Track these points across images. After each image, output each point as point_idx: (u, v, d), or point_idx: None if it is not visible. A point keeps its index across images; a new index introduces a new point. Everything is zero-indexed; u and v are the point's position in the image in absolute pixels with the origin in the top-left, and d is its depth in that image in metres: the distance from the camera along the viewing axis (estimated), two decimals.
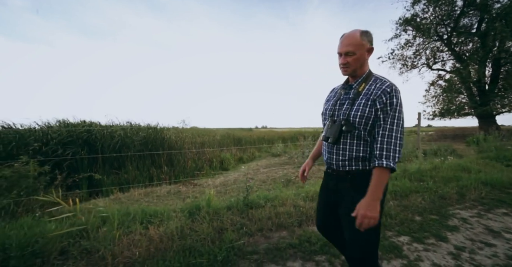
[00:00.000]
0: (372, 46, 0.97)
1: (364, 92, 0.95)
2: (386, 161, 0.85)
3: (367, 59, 1.00)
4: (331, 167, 1.04)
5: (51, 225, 1.71)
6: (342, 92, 1.04)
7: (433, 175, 3.36)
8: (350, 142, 0.96)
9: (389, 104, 0.89)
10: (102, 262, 1.50)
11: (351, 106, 0.96)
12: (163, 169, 6.43)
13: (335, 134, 0.97)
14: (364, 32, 0.95)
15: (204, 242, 1.73)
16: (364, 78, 0.99)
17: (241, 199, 2.41)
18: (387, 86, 0.91)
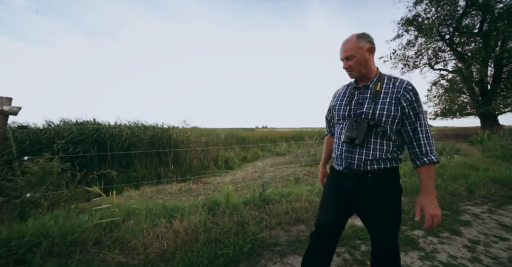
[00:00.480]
0: (372, 45, 0.98)
1: (384, 91, 0.95)
2: (433, 156, 0.88)
3: (371, 59, 1.00)
4: (349, 167, 0.99)
5: (84, 216, 1.78)
6: (355, 92, 1.03)
7: (441, 173, 3.42)
8: (375, 142, 0.95)
9: (415, 101, 0.91)
10: (134, 251, 1.57)
11: (373, 105, 0.95)
12: (170, 168, 6.50)
13: (361, 135, 0.94)
14: (360, 35, 0.98)
15: (228, 235, 1.79)
16: (377, 78, 0.99)
17: (257, 195, 2.48)
18: (407, 83, 0.94)
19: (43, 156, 2.40)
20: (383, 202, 0.94)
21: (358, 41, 0.97)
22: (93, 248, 1.56)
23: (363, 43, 0.97)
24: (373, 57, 1.01)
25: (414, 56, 16.45)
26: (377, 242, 0.98)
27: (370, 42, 0.98)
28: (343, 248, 1.71)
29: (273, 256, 1.61)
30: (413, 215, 2.25)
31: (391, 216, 0.95)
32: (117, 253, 1.55)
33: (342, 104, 1.06)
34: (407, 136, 0.93)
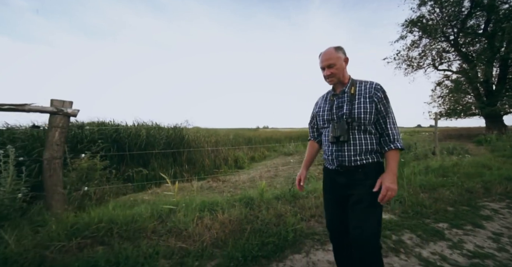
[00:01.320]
0: (347, 57, 1.15)
1: (357, 93, 1.10)
2: (399, 144, 1.04)
3: (346, 68, 1.16)
4: (342, 164, 1.08)
5: (139, 207, 1.95)
6: (333, 99, 1.17)
7: (455, 171, 3.56)
8: (359, 137, 1.07)
9: (384, 97, 1.08)
10: (190, 239, 1.74)
11: (351, 106, 1.09)
12: (184, 167, 6.68)
13: (344, 132, 1.06)
14: (337, 47, 1.14)
15: (269, 226, 1.95)
16: (351, 83, 1.14)
17: (287, 190, 2.64)
18: (376, 84, 1.10)
19: (86, 154, 2.58)
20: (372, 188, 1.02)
21: (336, 52, 1.12)
22: (153, 235, 1.73)
23: (341, 54, 1.13)
24: (347, 66, 1.17)
25: (418, 57, 16.54)
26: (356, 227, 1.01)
27: (345, 54, 1.15)
28: None
29: (314, 244, 1.78)
30: (435, 209, 2.40)
31: (377, 204, 1.02)
32: (174, 240, 1.72)
33: (324, 110, 1.20)
34: (380, 128, 1.08)
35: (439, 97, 17.43)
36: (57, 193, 2.04)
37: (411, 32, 15.85)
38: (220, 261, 1.54)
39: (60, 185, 2.07)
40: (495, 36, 12.69)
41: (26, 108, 1.90)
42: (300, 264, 1.56)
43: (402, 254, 1.65)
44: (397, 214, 2.30)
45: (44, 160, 2.03)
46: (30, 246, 1.46)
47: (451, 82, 16.55)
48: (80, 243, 1.57)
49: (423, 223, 2.10)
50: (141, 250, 1.54)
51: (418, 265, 1.52)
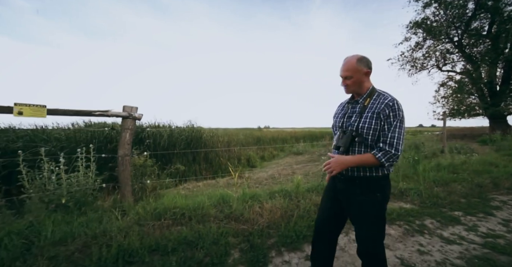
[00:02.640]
0: (368, 70, 1.10)
1: (369, 106, 1.07)
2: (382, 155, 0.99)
3: (366, 80, 1.12)
4: (341, 172, 1.10)
5: (203, 197, 2.31)
6: (349, 107, 1.17)
7: (464, 168, 3.88)
8: (359, 150, 1.07)
9: (392, 116, 1.02)
10: (247, 223, 2.08)
11: (359, 119, 1.07)
12: (202, 165, 7.04)
13: (346, 144, 1.07)
14: (360, 59, 1.09)
15: (310, 213, 2.29)
16: (368, 94, 1.11)
17: (316, 184, 2.98)
18: (389, 100, 1.04)
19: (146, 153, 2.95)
20: (366, 207, 1.05)
21: (357, 64, 1.08)
22: (216, 219, 2.08)
23: (361, 67, 1.09)
24: (369, 78, 1.13)
25: (422, 58, 16.79)
26: (360, 242, 1.09)
27: (368, 67, 1.10)
28: (402, 222, 2.20)
29: (350, 227, 2.10)
30: (449, 200, 2.72)
31: (373, 221, 1.05)
32: (234, 224, 2.07)
33: (338, 116, 1.21)
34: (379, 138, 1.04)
35: (443, 97, 17.67)
36: (128, 185, 2.40)
37: (415, 34, 16.13)
38: (277, 239, 1.89)
39: (130, 179, 2.43)
40: (499, 38, 12.94)
41: (109, 114, 2.26)
42: (343, 241, 1.90)
43: (426, 234, 1.99)
44: (416, 204, 2.63)
45: (119, 157, 2.39)
46: (130, 223, 1.82)
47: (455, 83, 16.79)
48: (164, 223, 1.92)
49: (440, 211, 2.43)
50: (213, 230, 1.89)
51: (441, 242, 1.85)
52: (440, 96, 17.80)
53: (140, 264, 1.48)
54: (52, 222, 1.74)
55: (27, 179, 2.14)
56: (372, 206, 1.05)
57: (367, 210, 1.05)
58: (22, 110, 1.75)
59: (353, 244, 1.86)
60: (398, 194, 2.93)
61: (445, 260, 1.60)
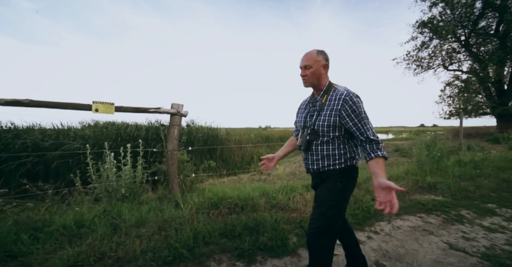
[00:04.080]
0: (327, 63, 1.13)
1: (327, 103, 1.09)
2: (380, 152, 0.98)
3: (324, 73, 1.14)
4: (309, 170, 1.18)
5: (247, 189, 2.46)
6: (310, 105, 1.19)
7: (486, 165, 3.99)
8: (321, 148, 1.10)
9: (355, 109, 1.02)
10: (295, 212, 2.22)
11: (317, 117, 1.10)
12: (218, 163, 7.20)
13: (304, 142, 1.12)
14: (320, 51, 1.13)
15: (349, 202, 2.43)
16: (325, 90, 1.13)
17: None
18: (345, 95, 1.04)
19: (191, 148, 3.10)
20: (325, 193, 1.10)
21: (317, 55, 1.11)
22: (263, 210, 2.22)
23: (321, 58, 1.11)
24: (327, 72, 1.15)
25: (428, 57, 16.83)
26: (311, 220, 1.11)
27: (326, 60, 1.13)
28: (438, 212, 2.33)
29: (390, 216, 2.25)
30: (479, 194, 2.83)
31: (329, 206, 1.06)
32: (282, 212, 2.21)
33: (302, 117, 1.23)
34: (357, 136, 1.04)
35: (449, 96, 17.69)
36: (176, 178, 2.56)
37: (421, 33, 16.17)
38: None
39: (177, 172, 2.58)
40: (508, 37, 12.95)
41: (161, 111, 2.41)
42: (387, 228, 2.04)
43: (466, 223, 2.11)
44: (447, 197, 2.76)
45: (168, 152, 2.54)
46: (192, 211, 1.97)
47: (461, 82, 16.80)
48: (222, 211, 2.07)
49: (473, 204, 2.55)
50: (267, 218, 2.03)
51: (484, 231, 1.98)
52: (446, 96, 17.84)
53: (215, 245, 1.62)
54: (125, 209, 1.90)
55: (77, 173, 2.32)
56: (330, 192, 1.08)
57: (325, 195, 1.08)
58: (98, 107, 1.91)
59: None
60: (426, 187, 3.06)
61: (494, 246, 1.71)
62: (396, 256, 1.63)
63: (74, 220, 1.66)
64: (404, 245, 1.76)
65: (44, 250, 1.41)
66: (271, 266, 1.48)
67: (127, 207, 1.97)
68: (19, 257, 1.37)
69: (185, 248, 1.53)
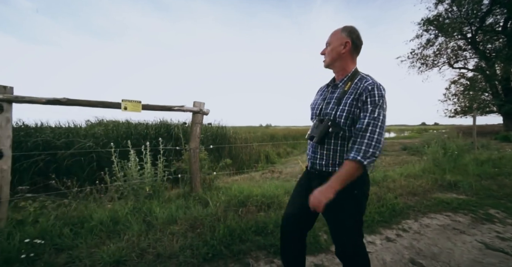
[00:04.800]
0: (348, 40, 0.95)
1: (349, 92, 0.93)
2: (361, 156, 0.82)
3: (346, 53, 0.96)
4: (314, 167, 1.01)
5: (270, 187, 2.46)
6: (329, 91, 1.03)
7: (504, 163, 3.95)
8: (335, 143, 0.94)
9: (369, 102, 0.87)
10: None
11: (337, 106, 0.93)
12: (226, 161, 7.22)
13: (320, 134, 0.93)
14: (346, 27, 0.97)
15: (372, 201, 2.41)
16: (350, 77, 0.96)
17: None
18: (369, 83, 0.89)
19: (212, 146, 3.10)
20: (342, 205, 0.91)
21: (341, 31, 0.97)
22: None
23: (343, 36, 0.96)
24: (350, 53, 0.97)
25: (433, 55, 16.66)
26: (337, 244, 0.97)
27: (350, 37, 0.96)
28: (465, 210, 2.32)
29: (417, 213, 2.25)
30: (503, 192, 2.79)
31: (350, 219, 0.93)
32: None
33: (316, 103, 1.06)
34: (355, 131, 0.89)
35: (454, 95, 17.55)
36: (198, 176, 2.56)
37: (426, 31, 16.00)
38: None
39: (199, 170, 2.58)
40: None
41: (184, 109, 2.41)
42: (415, 226, 2.03)
43: (497, 223, 2.09)
44: (470, 195, 2.74)
45: (191, 150, 2.55)
46: (220, 209, 1.98)
47: (467, 80, 16.63)
48: (250, 209, 2.07)
49: (499, 203, 2.53)
50: None
51: None
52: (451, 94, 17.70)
53: (251, 243, 1.62)
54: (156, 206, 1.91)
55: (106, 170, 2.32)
56: (348, 204, 0.92)
57: (343, 207, 0.91)
58: (126, 106, 1.91)
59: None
60: (446, 186, 3.04)
61: None
62: (430, 254, 1.62)
63: (110, 217, 1.67)
64: (436, 244, 1.75)
65: (86, 245, 1.43)
66: (308, 263, 1.48)
67: (157, 205, 1.98)
68: (66, 250, 1.39)
69: (222, 245, 1.53)
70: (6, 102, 1.44)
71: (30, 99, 1.51)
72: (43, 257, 1.29)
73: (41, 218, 1.53)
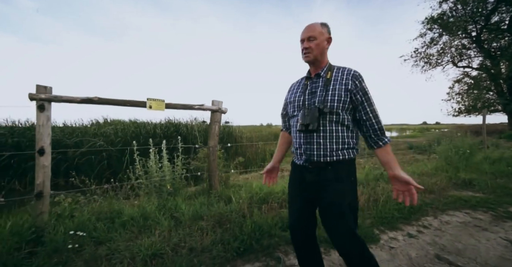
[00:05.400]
0: (330, 36, 1.02)
1: (333, 78, 0.98)
2: (386, 137, 0.93)
3: (327, 49, 1.03)
4: (310, 159, 0.96)
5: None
6: (308, 83, 1.05)
7: None
8: (330, 129, 0.94)
9: (361, 88, 0.94)
10: None
11: (325, 92, 0.96)
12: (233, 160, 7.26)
13: (313, 119, 0.92)
14: (323, 23, 1.02)
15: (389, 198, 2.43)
16: (328, 67, 1.02)
17: (379, 173, 3.12)
18: (354, 71, 0.97)
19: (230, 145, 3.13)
20: (343, 194, 0.91)
21: (321, 27, 1.01)
22: None
23: (325, 31, 1.01)
24: (328, 48, 1.04)
25: (436, 54, 16.57)
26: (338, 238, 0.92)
27: (329, 33, 1.03)
28: (484, 208, 2.33)
29: (436, 211, 2.27)
30: None
31: (350, 208, 0.92)
32: None
33: (296, 96, 1.06)
34: (363, 119, 0.95)
35: (458, 94, 17.47)
36: (216, 173, 2.59)
37: (430, 29, 15.91)
38: (373, 220, 2.05)
39: (217, 168, 2.62)
40: None
41: (204, 107, 2.44)
42: (436, 223, 2.05)
43: None
44: (487, 194, 2.75)
45: (210, 148, 2.58)
46: (243, 205, 2.01)
47: (471, 79, 16.55)
48: (272, 205, 2.11)
49: None
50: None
51: None
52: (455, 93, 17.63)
53: (278, 238, 1.66)
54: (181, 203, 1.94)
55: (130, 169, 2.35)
56: (347, 192, 0.92)
57: (343, 198, 0.91)
58: (151, 104, 1.95)
59: None
60: (461, 184, 3.05)
61: None
62: (455, 250, 1.64)
63: (140, 213, 1.71)
64: (460, 240, 1.77)
65: (121, 238, 1.47)
66: (336, 257, 1.51)
67: (182, 202, 2.01)
68: (103, 243, 1.43)
69: (252, 240, 1.57)
70: (47, 102, 1.49)
71: (67, 99, 1.55)
72: (85, 249, 1.34)
73: (76, 212, 1.57)
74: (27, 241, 1.32)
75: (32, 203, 1.52)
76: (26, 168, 5.17)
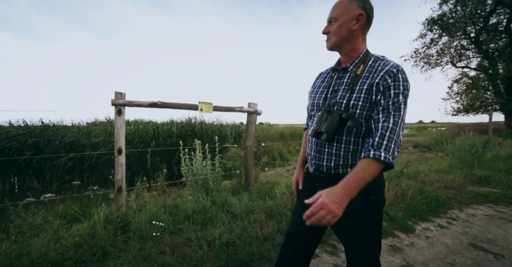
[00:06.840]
0: (362, 12, 0.75)
1: (364, 76, 0.76)
2: (385, 153, 0.66)
3: (358, 31, 0.78)
4: (319, 169, 0.83)
5: None
6: (334, 76, 0.85)
7: None
8: (347, 140, 0.77)
9: (393, 86, 0.70)
10: None
11: (349, 94, 0.76)
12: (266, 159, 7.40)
13: (331, 129, 0.75)
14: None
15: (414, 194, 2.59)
16: (361, 59, 0.78)
17: (398, 170, 3.30)
18: (392, 66, 0.73)
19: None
20: (359, 212, 0.75)
21: (349, 2, 0.76)
22: None
23: (354, 7, 0.75)
24: (362, 29, 0.78)
25: (436, 54, 16.90)
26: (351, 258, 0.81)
27: (364, 8, 0.76)
28: (505, 202, 2.52)
29: (461, 204, 2.46)
30: None
31: (368, 231, 0.77)
32: None
33: (318, 91, 0.88)
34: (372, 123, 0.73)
35: (456, 93, 17.85)
36: (252, 171, 2.74)
37: (430, 30, 16.23)
38: (404, 213, 2.23)
39: (253, 166, 2.76)
40: None
41: (243, 110, 2.59)
42: (463, 215, 2.23)
43: None
44: (504, 189, 2.93)
45: (247, 147, 2.73)
46: (286, 200, 2.16)
47: (469, 79, 16.92)
48: None
49: None
50: None
51: None
52: (454, 92, 18.00)
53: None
54: (232, 199, 2.09)
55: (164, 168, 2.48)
56: (366, 211, 0.76)
57: (361, 217, 0.76)
58: (202, 107, 2.08)
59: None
60: (477, 181, 3.26)
61: None
62: (486, 240, 1.81)
63: (200, 207, 1.86)
64: (489, 231, 1.94)
65: (190, 229, 1.62)
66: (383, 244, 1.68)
67: (230, 197, 2.16)
68: (176, 232, 1.57)
69: None
70: (123, 106, 1.62)
71: (138, 103, 1.70)
72: (164, 237, 1.48)
73: (147, 206, 1.72)
74: (116, 229, 1.48)
75: (112, 197, 1.65)
76: (45, 168, 5.27)
